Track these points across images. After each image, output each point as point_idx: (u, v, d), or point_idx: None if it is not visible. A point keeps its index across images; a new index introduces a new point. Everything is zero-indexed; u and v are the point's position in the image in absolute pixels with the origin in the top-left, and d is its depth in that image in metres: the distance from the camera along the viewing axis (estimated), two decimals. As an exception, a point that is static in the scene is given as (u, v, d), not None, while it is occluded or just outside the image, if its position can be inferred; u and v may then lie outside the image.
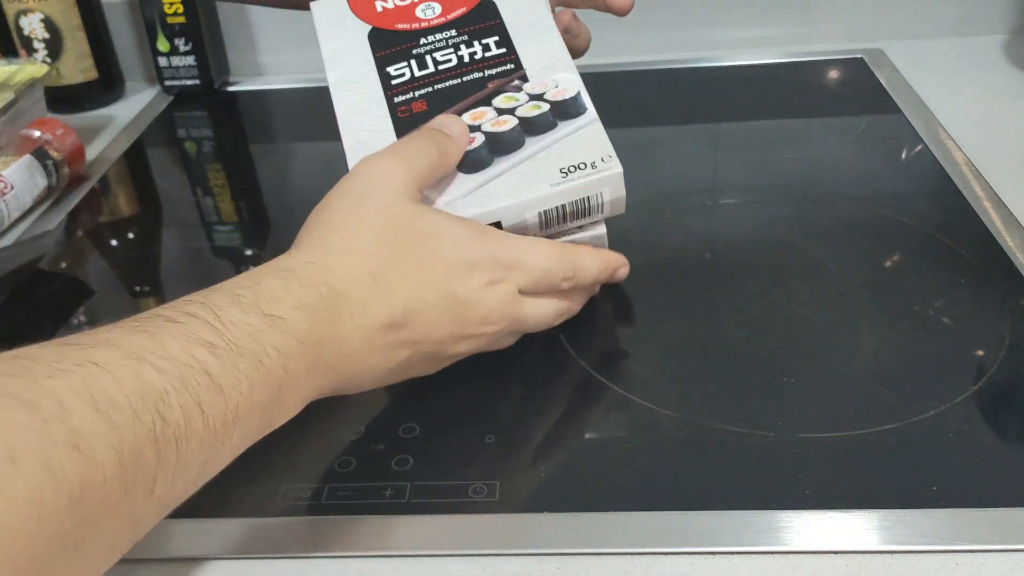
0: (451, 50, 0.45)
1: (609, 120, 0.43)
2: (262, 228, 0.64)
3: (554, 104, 0.43)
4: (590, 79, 0.45)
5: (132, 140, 0.76)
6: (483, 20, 0.46)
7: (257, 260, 0.60)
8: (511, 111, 0.43)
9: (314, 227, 0.37)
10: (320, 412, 0.43)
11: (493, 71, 0.44)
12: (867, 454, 0.38)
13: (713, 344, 0.46)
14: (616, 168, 0.41)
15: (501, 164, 0.42)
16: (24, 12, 0.77)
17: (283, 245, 0.65)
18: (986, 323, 0.46)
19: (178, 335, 0.29)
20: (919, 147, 0.64)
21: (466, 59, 0.45)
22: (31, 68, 0.72)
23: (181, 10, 0.79)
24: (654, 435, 0.40)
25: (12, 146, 0.65)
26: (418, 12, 0.47)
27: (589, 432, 0.41)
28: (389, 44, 0.46)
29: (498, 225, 0.41)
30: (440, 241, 0.37)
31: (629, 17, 0.51)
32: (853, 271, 0.51)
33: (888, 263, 0.53)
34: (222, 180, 0.69)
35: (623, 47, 0.83)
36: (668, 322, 0.48)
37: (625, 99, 0.76)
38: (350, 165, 0.41)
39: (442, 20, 0.46)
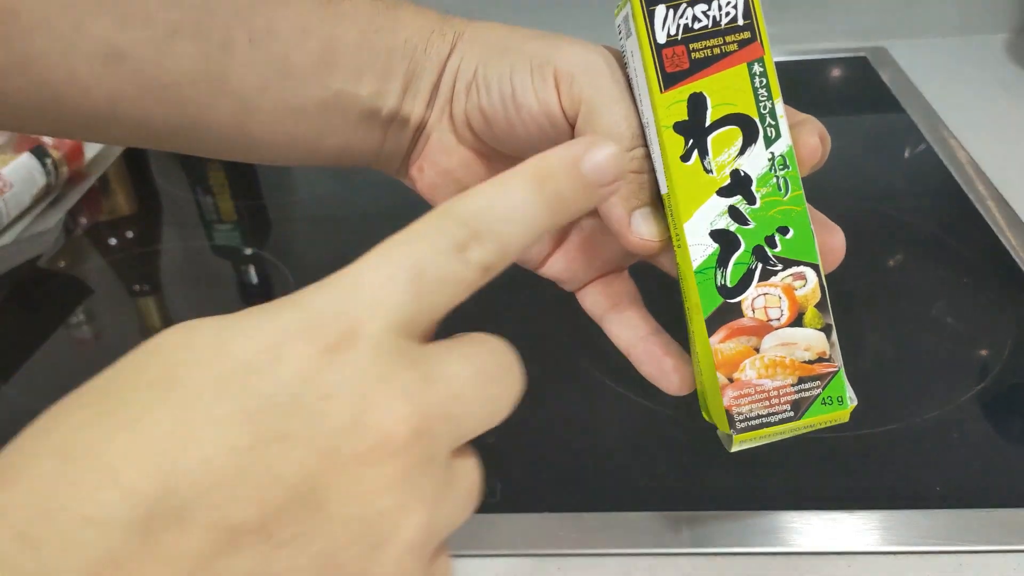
0: None
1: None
2: (262, 227, 0.64)
3: None
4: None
5: (132, 139, 0.76)
6: None
7: (256, 259, 0.59)
8: None
9: None
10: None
11: None
12: (870, 454, 0.38)
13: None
14: None
15: None
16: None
17: (283, 244, 0.64)
18: (990, 323, 0.45)
19: None
20: (922, 146, 0.64)
21: None
22: (31, 66, 0.71)
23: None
24: (655, 435, 0.40)
25: (10, 144, 0.65)
26: None
27: (589, 432, 0.41)
28: None
29: None
30: None
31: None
32: (856, 270, 0.51)
33: (891, 262, 0.53)
34: (221, 179, 0.69)
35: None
36: (669, 322, 0.48)
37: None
38: None
39: None
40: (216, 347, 0.19)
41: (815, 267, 0.27)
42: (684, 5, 0.27)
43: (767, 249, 0.27)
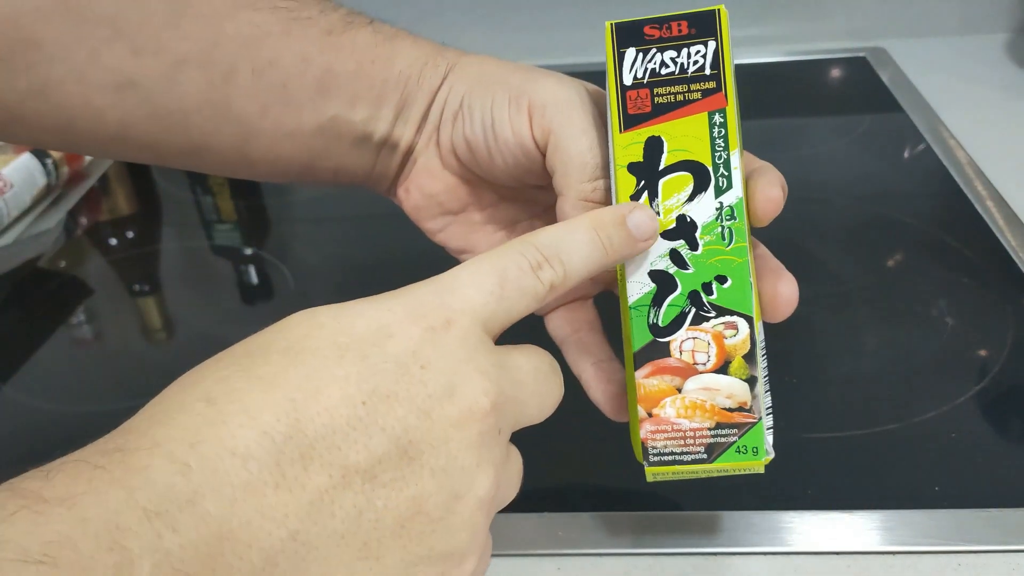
0: None
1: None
2: (262, 227, 0.64)
3: None
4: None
5: (132, 139, 0.76)
6: None
7: (256, 259, 0.59)
8: None
9: None
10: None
11: None
12: (869, 454, 0.38)
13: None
14: None
15: None
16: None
17: (283, 244, 0.64)
18: (989, 323, 0.45)
19: None
20: (921, 146, 0.64)
21: None
22: (31, 66, 0.71)
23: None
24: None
25: (11, 144, 0.65)
26: None
27: (589, 432, 0.41)
28: None
29: None
30: None
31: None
32: (855, 271, 0.51)
33: (890, 263, 0.53)
34: (221, 179, 0.69)
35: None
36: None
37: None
38: None
39: None
40: (337, 324, 0.23)
41: (748, 319, 0.27)
42: (654, 50, 0.28)
43: (703, 295, 0.27)
